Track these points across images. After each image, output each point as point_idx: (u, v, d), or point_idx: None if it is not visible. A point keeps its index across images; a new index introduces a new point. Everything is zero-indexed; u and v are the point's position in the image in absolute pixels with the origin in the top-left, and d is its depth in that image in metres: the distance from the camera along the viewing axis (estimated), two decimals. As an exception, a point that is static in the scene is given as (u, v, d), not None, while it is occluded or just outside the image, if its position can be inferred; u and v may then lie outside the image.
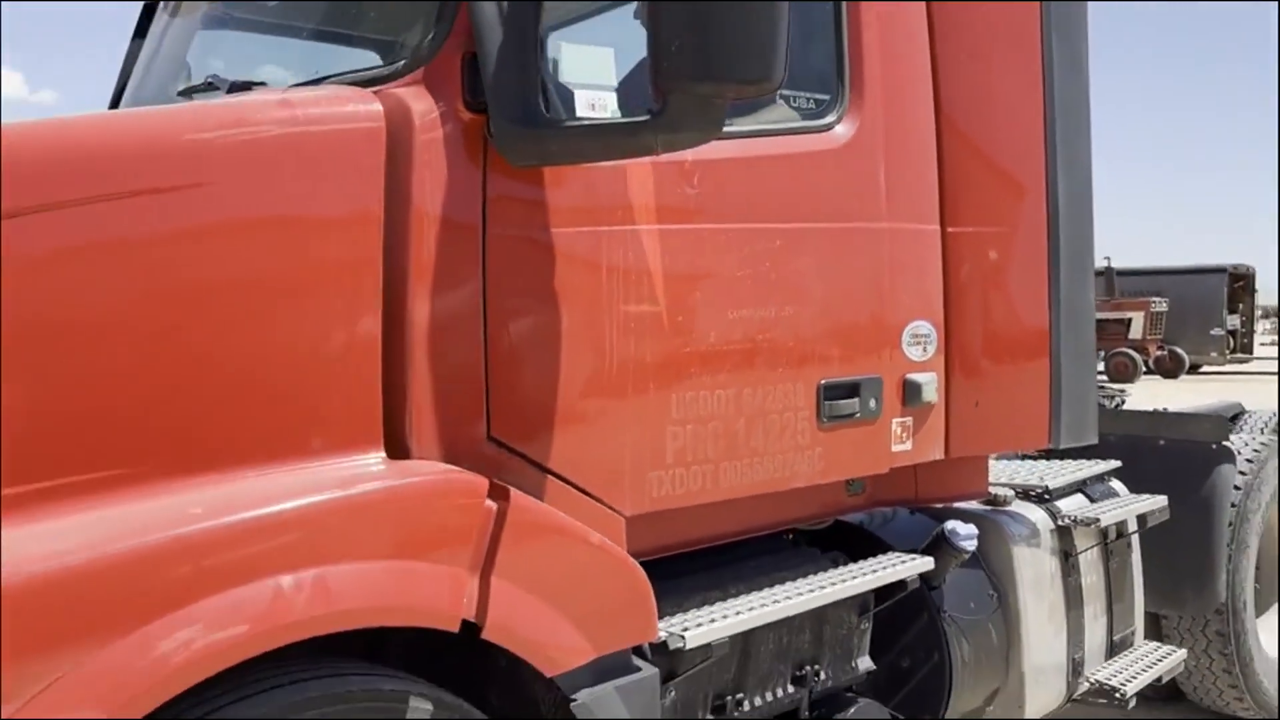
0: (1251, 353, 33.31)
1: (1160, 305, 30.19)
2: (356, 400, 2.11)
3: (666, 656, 2.48)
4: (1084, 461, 4.09)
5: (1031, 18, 3.27)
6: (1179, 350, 30.08)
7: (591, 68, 2.47)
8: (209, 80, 2.76)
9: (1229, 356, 31.49)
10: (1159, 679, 3.90)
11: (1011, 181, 3.29)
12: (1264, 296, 41.75)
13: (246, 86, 2.55)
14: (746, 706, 2.86)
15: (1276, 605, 4.97)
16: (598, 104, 2.42)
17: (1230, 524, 4.34)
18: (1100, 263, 32.14)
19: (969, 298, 3.26)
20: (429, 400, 2.20)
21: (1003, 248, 3.28)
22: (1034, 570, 3.51)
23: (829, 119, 2.90)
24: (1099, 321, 14.49)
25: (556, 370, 2.37)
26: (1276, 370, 20.42)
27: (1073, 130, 3.35)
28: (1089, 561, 3.73)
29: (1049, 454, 4.30)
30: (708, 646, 2.56)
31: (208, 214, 1.98)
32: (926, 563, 3.13)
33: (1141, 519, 3.92)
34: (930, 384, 3.14)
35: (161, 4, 3.41)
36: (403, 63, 2.31)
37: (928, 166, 3.17)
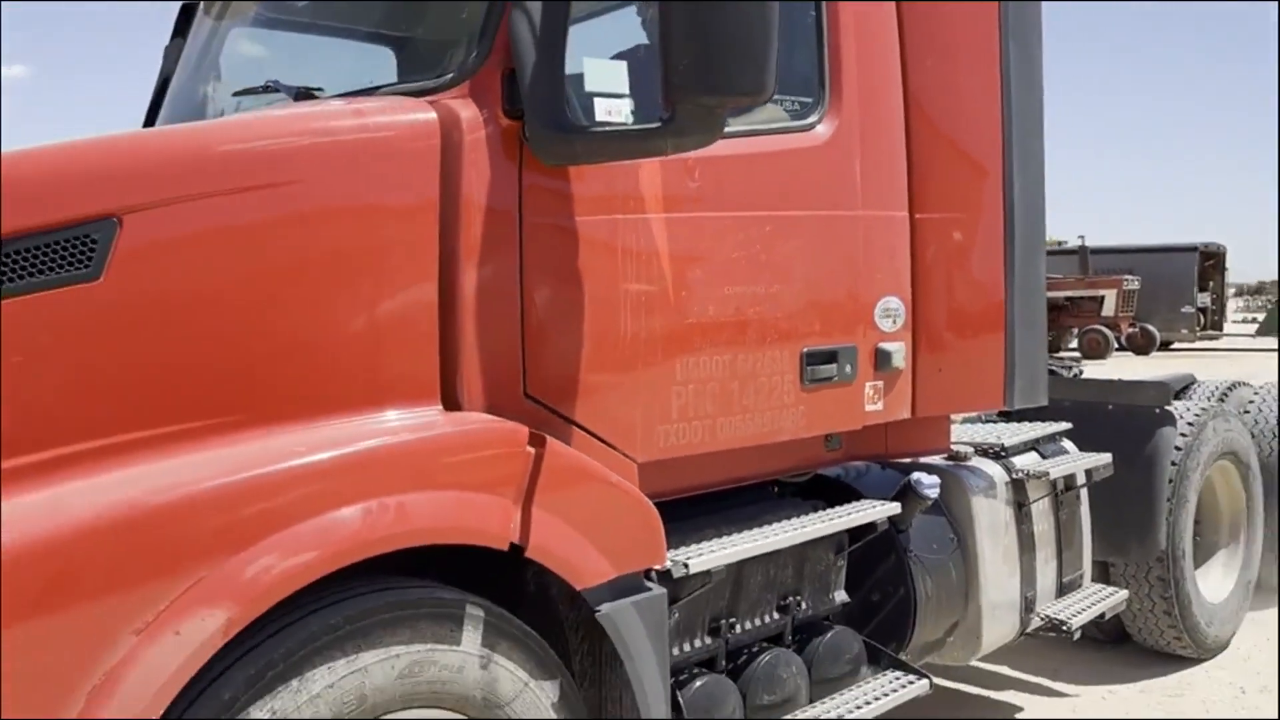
0: (1222, 330, 33.75)
1: (1132, 283, 30.48)
2: (419, 361, 2.53)
3: (671, 583, 2.89)
4: (1038, 424, 4.53)
5: (990, 21, 3.68)
6: (1150, 327, 30.44)
7: (608, 79, 2.86)
8: (269, 84, 3.15)
9: (1199, 334, 31.87)
10: (1103, 616, 4.37)
11: (973, 171, 3.70)
12: (1234, 275, 42.35)
13: (309, 93, 2.94)
14: (738, 629, 3.28)
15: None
16: (613, 110, 2.81)
17: (1171, 480, 4.80)
18: (1075, 242, 32.66)
19: (934, 276, 3.68)
20: (476, 363, 2.61)
21: (964, 231, 3.70)
22: (990, 517, 3.95)
23: (811, 119, 3.31)
24: (1073, 299, 15.10)
25: (580, 338, 2.79)
26: (1276, 348, 21.06)
27: (1027, 124, 3.77)
28: (1040, 511, 4.17)
29: (1007, 417, 4.75)
30: (707, 574, 2.98)
31: (300, 205, 2.39)
32: (894, 508, 3.57)
33: (1088, 474, 4.38)
34: (899, 352, 3.56)
35: (204, 5, 3.77)
36: (450, 76, 2.70)
37: (898, 160, 3.58)
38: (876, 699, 3.40)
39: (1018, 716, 4.60)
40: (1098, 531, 4.57)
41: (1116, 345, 28.89)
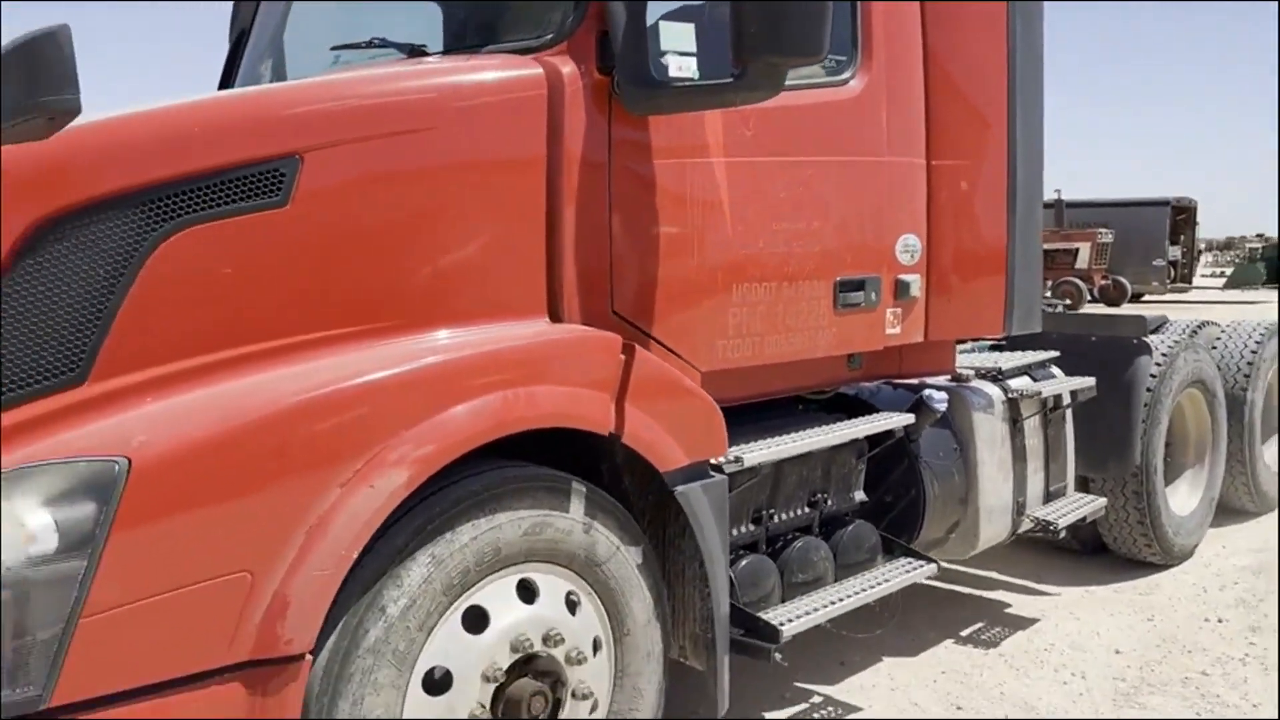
0: (1191, 283, 34.49)
1: (1106, 236, 31.16)
2: (532, 282, 3.01)
3: (725, 477, 3.42)
4: (1031, 352, 5.08)
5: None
6: (1123, 279, 31.13)
7: (679, 39, 3.31)
8: (374, 40, 3.59)
9: (1170, 286, 32.61)
10: (1084, 519, 4.94)
11: (981, 124, 4.17)
12: (1204, 230, 43.01)
13: (420, 50, 3.39)
14: (776, 519, 3.82)
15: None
16: (682, 66, 3.27)
17: (1145, 404, 5.36)
18: (1050, 195, 33.12)
19: (946, 216, 4.17)
20: (574, 285, 3.09)
21: (973, 177, 4.18)
22: (988, 431, 4.49)
23: (845, 75, 3.79)
24: (1048, 251, 15.73)
25: (656, 265, 3.27)
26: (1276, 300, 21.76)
27: (1029, 83, 4.25)
28: (1032, 427, 4.71)
29: (1003, 346, 5.29)
30: (753, 470, 3.51)
31: (436, 147, 2.85)
32: (909, 418, 4.10)
33: (1074, 395, 4.92)
34: (915, 283, 4.07)
35: None
36: (550, 36, 3.15)
37: (918, 112, 4.06)
38: (890, 579, 3.95)
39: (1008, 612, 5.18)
40: (1080, 449, 5.12)
41: (1090, 297, 29.58)
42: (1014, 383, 4.67)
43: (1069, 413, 4.96)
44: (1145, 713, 4.09)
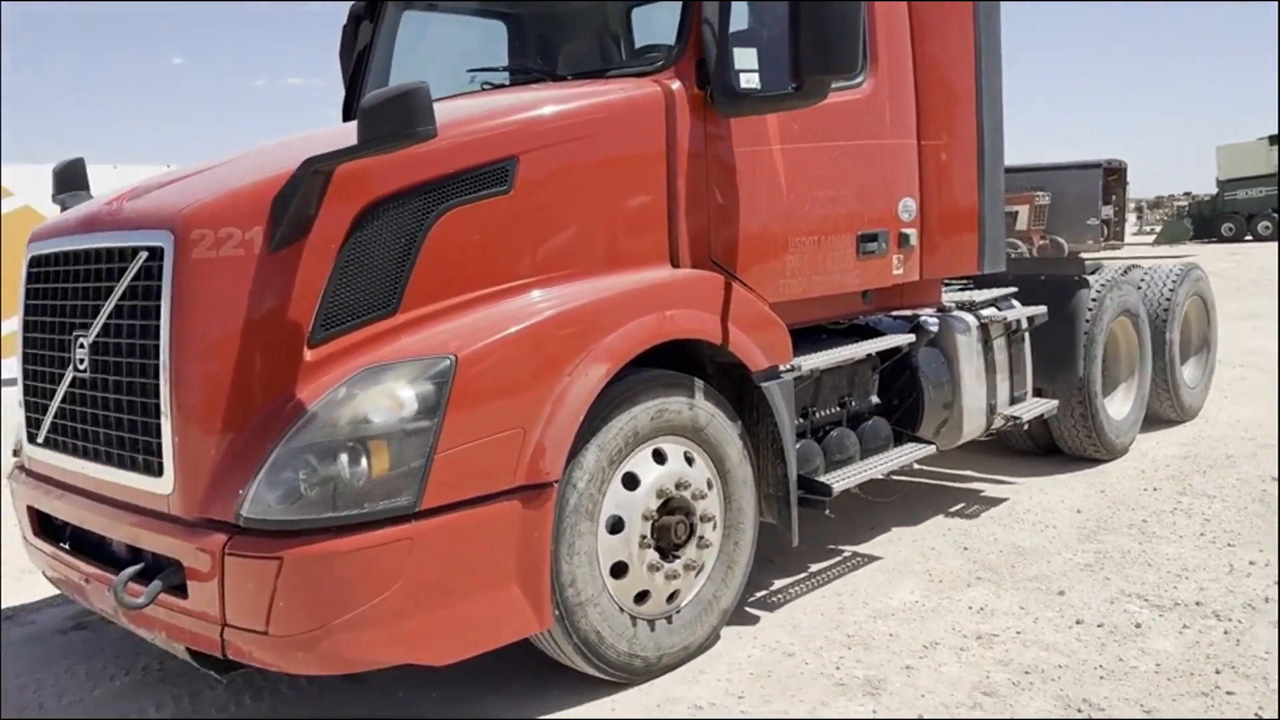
0: (1123, 240, 36.29)
1: (1043, 199, 32.57)
2: (659, 239, 4.27)
3: (791, 377, 4.69)
4: (997, 290, 6.42)
5: (967, 6, 5.44)
6: (1060, 239, 32.55)
7: (747, 60, 4.56)
8: (517, 66, 4.81)
9: (1103, 244, 34.35)
10: (1042, 416, 6.33)
11: (956, 109, 5.46)
12: (1135, 190, 44.93)
13: (555, 76, 4.62)
14: (817, 415, 5.11)
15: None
16: (750, 80, 4.51)
17: (1085, 329, 6.74)
18: None
19: (933, 182, 5.47)
20: (686, 240, 4.35)
21: (951, 152, 5.48)
22: (967, 349, 5.81)
23: (859, 80, 5.06)
24: None
25: (738, 225, 4.52)
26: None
27: (991, 77, 5.54)
28: (999, 346, 6.05)
29: (974, 286, 6.61)
30: (806, 374, 4.79)
31: (601, 145, 4.10)
32: (910, 337, 5.42)
33: (1030, 319, 6.28)
34: (913, 235, 5.38)
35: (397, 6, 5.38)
36: (662, 63, 4.40)
37: (910, 103, 5.33)
38: (903, 456, 5.29)
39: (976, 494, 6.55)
40: (1036, 365, 6.48)
41: (1029, 256, 31.35)
42: (985, 312, 6.00)
43: (1027, 335, 6.31)
44: (1101, 546, 5.49)
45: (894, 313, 5.80)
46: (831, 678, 4.10)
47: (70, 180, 4.76)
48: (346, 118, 5.59)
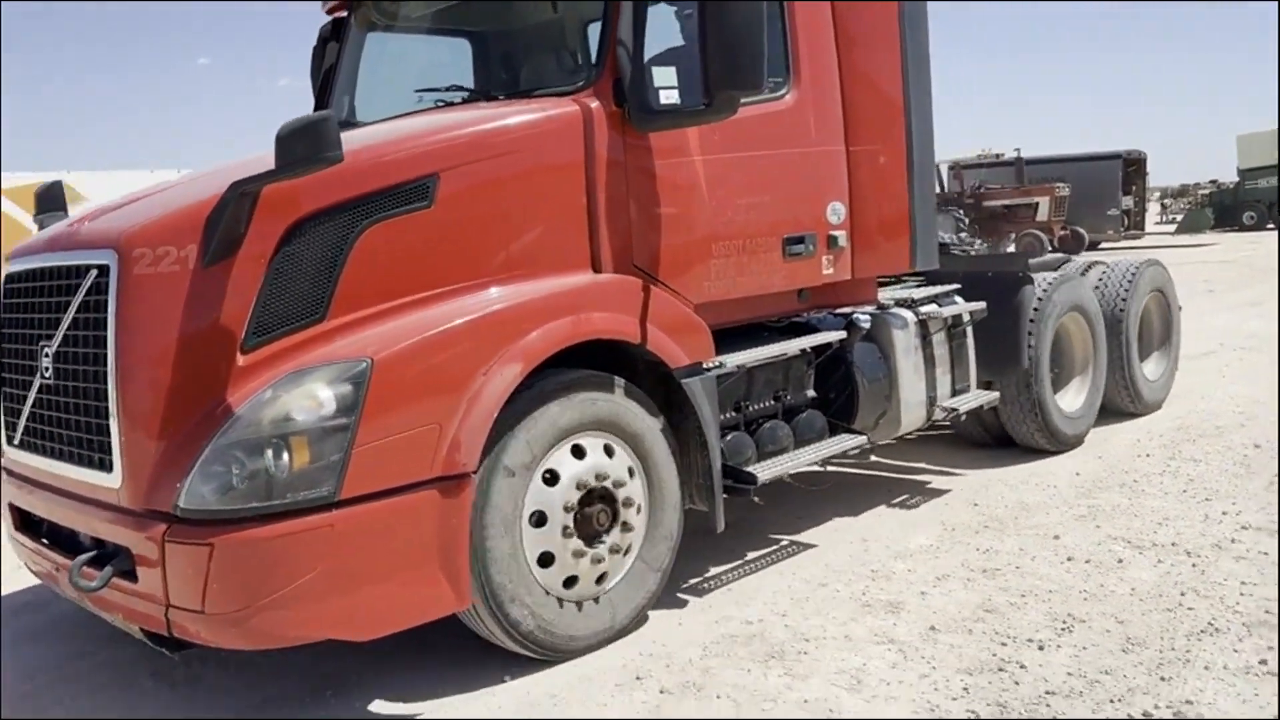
0: (1144, 229, 36.16)
1: (1063, 190, 32.69)
2: (580, 246, 4.58)
3: (713, 374, 4.99)
4: (939, 286, 6.68)
5: (892, 16, 5.68)
6: (1080, 230, 32.66)
7: (665, 78, 4.84)
8: (452, 86, 5.14)
9: (1124, 233, 34.29)
10: (982, 407, 6.59)
11: (885, 118, 5.72)
12: (1163, 178, 44.59)
13: (489, 96, 4.95)
14: (750, 408, 5.39)
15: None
16: (669, 97, 4.81)
17: (1032, 322, 6.96)
18: (1011, 154, 34.76)
19: (864, 185, 5.73)
20: (607, 247, 4.66)
21: (880, 156, 5.75)
22: (904, 344, 6.07)
23: (782, 92, 5.35)
24: (1010, 206, 18.52)
25: (659, 233, 4.82)
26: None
27: (920, 85, 5.80)
28: (939, 340, 6.31)
29: (925, 282, 6.86)
30: (734, 370, 5.08)
31: (520, 161, 4.42)
32: (841, 334, 5.70)
33: (971, 315, 6.53)
34: (842, 236, 5.65)
35: (359, 27, 5.71)
36: (582, 83, 4.72)
37: (836, 111, 5.61)
38: (831, 447, 5.57)
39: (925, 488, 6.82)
40: (983, 359, 6.73)
41: (1050, 248, 31.16)
42: (924, 308, 6.26)
43: (969, 330, 6.56)
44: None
45: (836, 311, 6.07)
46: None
47: (49, 202, 5.17)
48: None
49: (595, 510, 4.44)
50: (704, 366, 4.89)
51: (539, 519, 4.26)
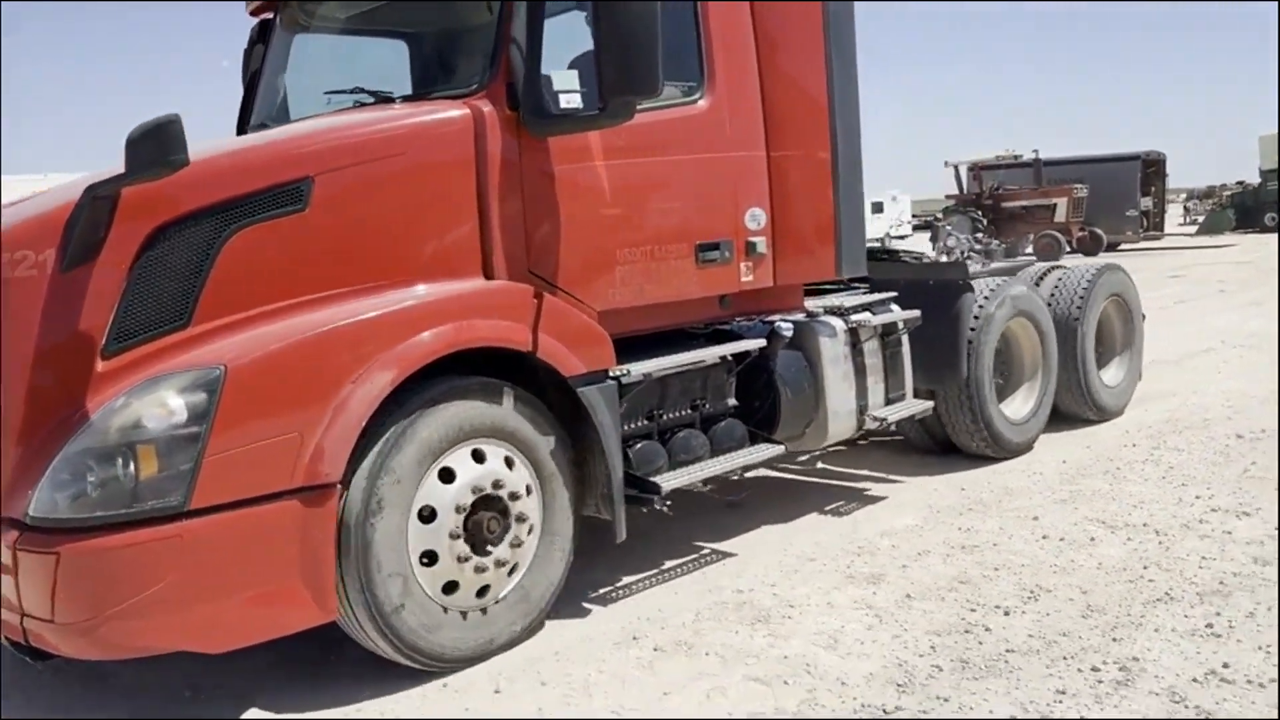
0: (1163, 231, 35.82)
1: (1081, 191, 32.66)
2: (470, 252, 4.50)
3: (621, 385, 4.90)
4: (876, 294, 6.56)
5: (815, 19, 5.55)
6: (1098, 230, 32.65)
7: (566, 81, 4.77)
8: (356, 88, 5.08)
9: (1143, 235, 34.06)
10: (914, 416, 6.47)
11: (808, 122, 5.60)
12: (1183, 180, 44.15)
13: (387, 97, 4.88)
14: (665, 417, 5.30)
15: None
16: (570, 101, 4.73)
17: (973, 330, 6.83)
18: (1029, 155, 34.65)
19: (786, 191, 5.62)
20: (501, 252, 4.58)
21: (804, 162, 5.62)
22: (833, 352, 5.95)
23: (695, 97, 5.26)
24: (1028, 207, 18.84)
25: (558, 239, 4.75)
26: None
27: (845, 90, 5.68)
28: (871, 349, 6.18)
29: (866, 290, 6.73)
30: (641, 380, 4.99)
31: (405, 164, 4.35)
32: (760, 343, 5.59)
33: (904, 323, 6.40)
34: (762, 243, 5.54)
35: (283, 28, 5.66)
36: (475, 87, 4.64)
37: (756, 116, 5.51)
38: (746, 457, 5.47)
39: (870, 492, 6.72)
40: (923, 368, 6.61)
41: (1068, 248, 31.08)
42: (855, 316, 6.15)
43: (905, 338, 6.44)
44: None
45: (767, 318, 5.97)
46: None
47: None
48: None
49: (487, 517, 4.37)
50: (609, 375, 4.81)
51: (429, 514, 4.20)
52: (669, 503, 5.17)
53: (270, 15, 5.91)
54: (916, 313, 6.46)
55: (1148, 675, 3.93)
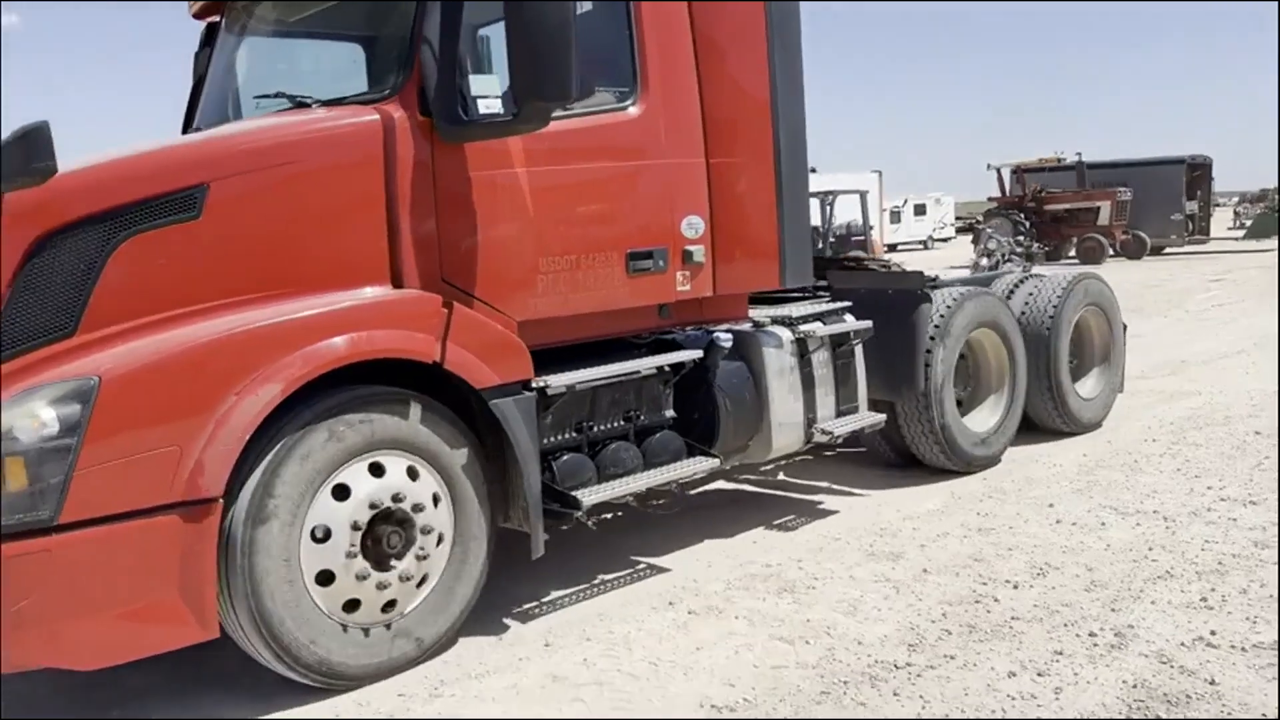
0: (1209, 234, 35.21)
1: (1125, 195, 32.43)
2: (377, 260, 4.43)
3: (545, 396, 4.81)
4: (828, 303, 6.41)
5: (758, 22, 5.42)
6: (1142, 234, 32.46)
7: (487, 86, 4.69)
8: (279, 93, 5.03)
9: (1188, 239, 33.55)
10: (864, 429, 6.31)
11: (749, 129, 5.48)
12: (1233, 183, 43.29)
13: (304, 102, 4.82)
14: (595, 429, 5.20)
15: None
16: (490, 106, 4.65)
17: (932, 340, 6.64)
18: (1073, 158, 34.38)
19: (727, 199, 5.50)
20: (412, 259, 4.49)
21: (746, 169, 5.51)
22: (778, 363, 5.82)
23: (627, 104, 5.15)
24: (1072, 210, 18.85)
25: (474, 246, 4.66)
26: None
27: (790, 94, 5.55)
28: (820, 360, 6.04)
29: (834, 298, 6.57)
30: (566, 391, 4.89)
31: (302, 172, 4.29)
32: (696, 354, 5.46)
33: (855, 334, 6.24)
34: (700, 251, 5.42)
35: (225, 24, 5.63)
36: (387, 91, 4.57)
37: (695, 123, 5.39)
38: (676, 471, 5.34)
39: (822, 506, 6.59)
40: (880, 379, 6.46)
41: (1111, 251, 31.03)
42: (804, 326, 6.01)
43: (858, 348, 6.28)
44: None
45: (713, 327, 5.85)
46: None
47: None
48: None
49: (388, 531, 4.29)
50: (530, 386, 4.72)
51: (323, 534, 4.13)
52: (593, 518, 5.08)
53: (216, 18, 5.88)
54: (868, 324, 6.30)
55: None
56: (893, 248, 44.11)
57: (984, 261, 28.27)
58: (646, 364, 5.31)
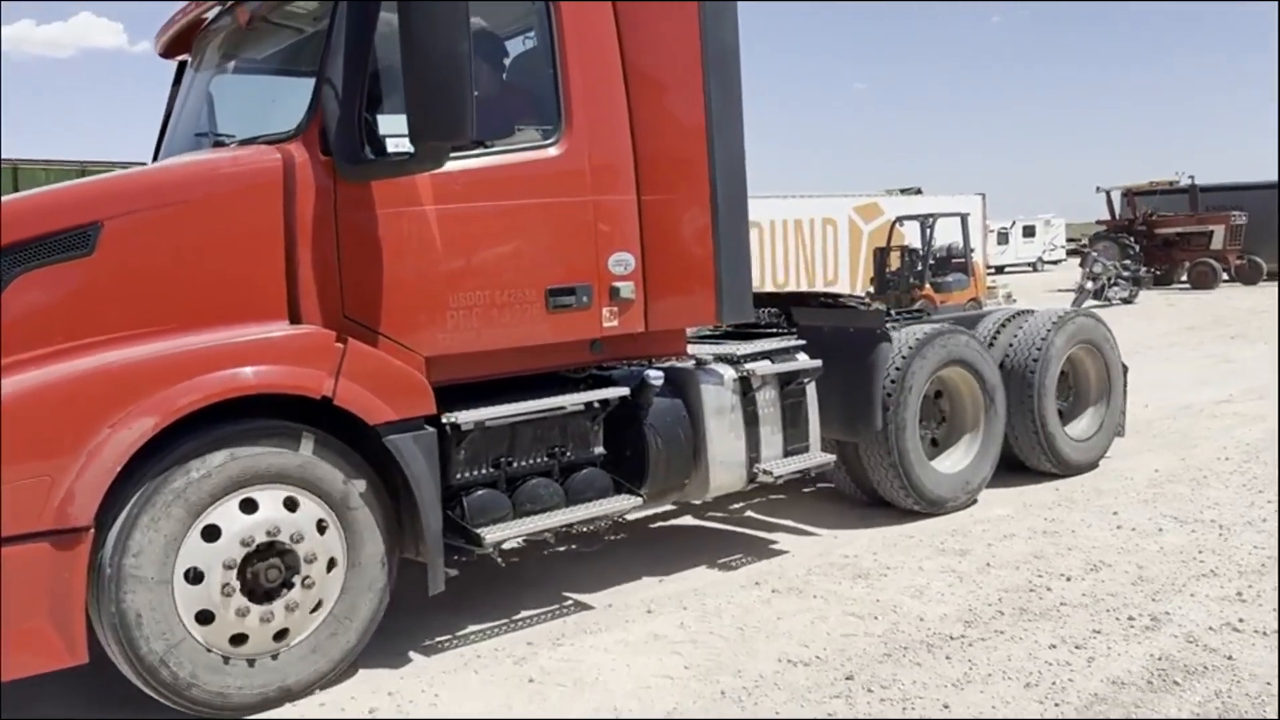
0: (1331, 259, 33.74)
1: (1240, 219, 31.69)
2: (274, 297, 4.54)
3: (459, 431, 4.85)
4: (778, 340, 6.29)
5: (694, 59, 5.32)
6: (1258, 259, 31.71)
7: (395, 126, 4.75)
8: (208, 132, 5.20)
9: (1308, 264, 32.25)
10: (809, 471, 6.18)
11: (684, 166, 5.41)
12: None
13: (221, 141, 4.98)
14: (515, 465, 5.20)
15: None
16: (399, 146, 4.70)
17: (893, 381, 6.49)
18: (1185, 182, 33.40)
19: (660, 235, 5.46)
20: (312, 297, 4.59)
21: (680, 206, 5.45)
22: (718, 402, 5.74)
23: (549, 142, 5.18)
24: (1183, 234, 18.52)
25: (377, 283, 4.72)
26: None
27: (727, 131, 5.41)
28: (766, 398, 5.93)
29: (801, 335, 6.45)
30: (479, 426, 4.92)
31: (210, 208, 4.43)
32: (622, 391, 5.42)
33: (805, 373, 6.12)
34: (628, 288, 5.38)
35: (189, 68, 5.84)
36: (292, 131, 4.68)
37: (625, 161, 5.38)
38: (598, 507, 5.32)
39: (774, 546, 6.49)
40: (838, 418, 6.33)
41: (1225, 276, 30.67)
42: (749, 365, 5.91)
43: (810, 388, 6.16)
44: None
45: (657, 363, 5.82)
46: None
47: None
48: None
49: (264, 566, 4.37)
50: (439, 421, 4.77)
51: (195, 576, 4.22)
52: (500, 554, 5.11)
53: (186, 55, 6.11)
54: (817, 363, 6.17)
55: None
56: (999, 270, 43.30)
57: (1089, 285, 27.70)
58: (571, 400, 5.31)
